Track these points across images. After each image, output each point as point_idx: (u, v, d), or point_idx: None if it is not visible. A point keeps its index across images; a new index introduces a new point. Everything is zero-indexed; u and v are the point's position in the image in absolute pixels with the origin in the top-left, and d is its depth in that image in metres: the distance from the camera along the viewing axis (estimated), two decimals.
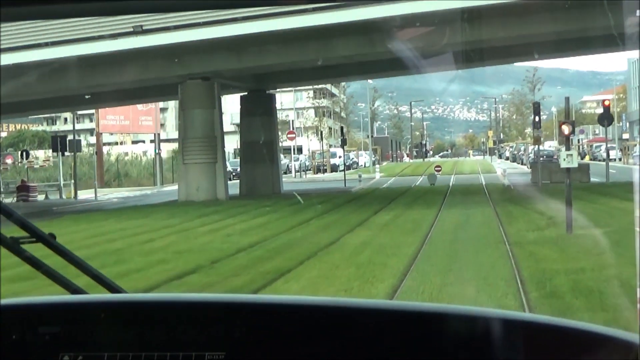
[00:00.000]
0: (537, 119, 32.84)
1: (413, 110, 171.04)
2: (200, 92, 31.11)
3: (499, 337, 1.51)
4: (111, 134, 74.31)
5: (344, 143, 39.86)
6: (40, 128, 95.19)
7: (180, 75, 30.84)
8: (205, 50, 29.80)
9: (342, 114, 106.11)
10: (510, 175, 39.94)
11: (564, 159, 15.01)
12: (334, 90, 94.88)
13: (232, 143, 49.64)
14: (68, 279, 1.96)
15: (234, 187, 36.59)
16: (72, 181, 43.03)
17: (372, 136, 62.07)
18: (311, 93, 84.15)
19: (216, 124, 31.45)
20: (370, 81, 64.66)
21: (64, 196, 42.99)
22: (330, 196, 30.76)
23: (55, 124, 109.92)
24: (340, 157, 59.21)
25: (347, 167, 62.36)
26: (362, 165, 63.32)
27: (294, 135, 50.22)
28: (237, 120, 41.69)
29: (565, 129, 15.19)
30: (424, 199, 27.60)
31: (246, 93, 36.69)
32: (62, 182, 44.40)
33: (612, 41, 23.40)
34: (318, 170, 55.79)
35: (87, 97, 35.56)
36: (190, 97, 31.25)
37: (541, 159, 49.04)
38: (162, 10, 1.69)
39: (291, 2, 1.54)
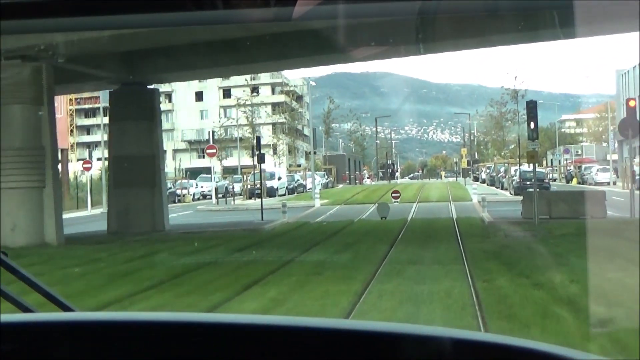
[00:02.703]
0: (532, 125, 22.30)
1: (386, 131, 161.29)
2: (21, 79, 20.20)
3: (450, 357, 1.51)
4: None
5: (260, 160, 29.02)
6: None
7: None
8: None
9: (306, 132, 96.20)
10: (491, 204, 29.20)
11: None
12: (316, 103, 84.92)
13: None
14: (19, 297, 1.92)
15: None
16: None
17: (314, 152, 50.87)
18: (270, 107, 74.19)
19: (45, 128, 20.48)
20: (313, 83, 54.12)
21: None
22: (221, 239, 20.08)
23: None
24: (280, 178, 48.28)
25: (291, 191, 51.57)
26: (310, 189, 52.39)
27: (214, 151, 39.10)
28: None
29: None
30: (357, 248, 16.88)
31: (117, 87, 25.64)
32: None
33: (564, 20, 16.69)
34: (252, 194, 44.62)
35: None
36: (5, 87, 20.30)
37: (527, 183, 38.70)
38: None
39: None
